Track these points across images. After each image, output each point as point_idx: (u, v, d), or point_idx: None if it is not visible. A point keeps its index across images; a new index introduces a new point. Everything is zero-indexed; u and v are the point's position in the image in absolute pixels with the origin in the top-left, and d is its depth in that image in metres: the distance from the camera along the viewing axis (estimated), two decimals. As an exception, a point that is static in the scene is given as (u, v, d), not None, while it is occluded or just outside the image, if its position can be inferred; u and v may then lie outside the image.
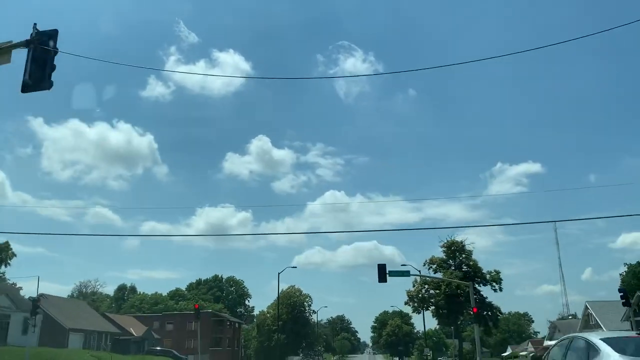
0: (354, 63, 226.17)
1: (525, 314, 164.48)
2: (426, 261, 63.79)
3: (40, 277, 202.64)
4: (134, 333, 68.05)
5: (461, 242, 63.71)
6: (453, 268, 62.33)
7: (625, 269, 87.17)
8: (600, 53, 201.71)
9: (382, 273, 41.20)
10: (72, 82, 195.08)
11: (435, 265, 61.90)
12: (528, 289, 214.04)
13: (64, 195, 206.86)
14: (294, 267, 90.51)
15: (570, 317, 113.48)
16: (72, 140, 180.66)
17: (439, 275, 62.16)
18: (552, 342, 65.88)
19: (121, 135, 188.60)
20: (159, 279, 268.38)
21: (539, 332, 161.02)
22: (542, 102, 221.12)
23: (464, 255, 63.70)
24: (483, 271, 61.18)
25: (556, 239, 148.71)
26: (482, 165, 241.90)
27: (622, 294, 36.37)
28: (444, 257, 64.14)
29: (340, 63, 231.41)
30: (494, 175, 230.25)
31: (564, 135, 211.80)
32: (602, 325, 62.16)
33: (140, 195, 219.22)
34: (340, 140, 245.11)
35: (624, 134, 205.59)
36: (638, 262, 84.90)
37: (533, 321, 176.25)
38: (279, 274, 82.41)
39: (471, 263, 62.59)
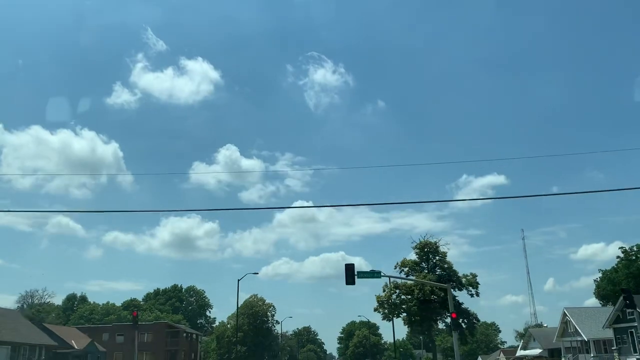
0: (324, 74, 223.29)
1: (493, 324, 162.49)
2: (397, 264, 59.06)
3: None
4: (75, 346, 61.03)
5: (435, 242, 59.23)
6: (426, 271, 57.74)
7: (600, 274, 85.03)
8: (566, 67, 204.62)
9: (350, 274, 36.31)
10: (36, 88, 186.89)
11: (407, 268, 57.16)
12: (492, 299, 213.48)
13: (25, 204, 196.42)
14: (255, 273, 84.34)
15: (540, 325, 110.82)
16: (34, 147, 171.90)
17: (412, 278, 57.55)
18: (527, 352, 61.56)
19: (85, 143, 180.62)
20: (121, 290, 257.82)
21: (506, 342, 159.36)
22: (508, 116, 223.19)
23: (437, 257, 59.18)
24: (459, 274, 56.75)
25: (524, 247, 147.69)
26: (449, 177, 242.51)
27: (625, 294, 32.12)
28: (417, 259, 59.51)
29: (310, 74, 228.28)
30: (459, 186, 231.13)
31: (528, 148, 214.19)
32: (581, 333, 58.70)
33: (104, 204, 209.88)
34: (309, 150, 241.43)
35: (587, 147, 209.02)
36: (613, 267, 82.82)
37: (500, 331, 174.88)
38: (238, 280, 76.57)
39: (446, 266, 58.08)
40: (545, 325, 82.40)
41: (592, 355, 57.73)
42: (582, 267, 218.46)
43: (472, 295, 56.38)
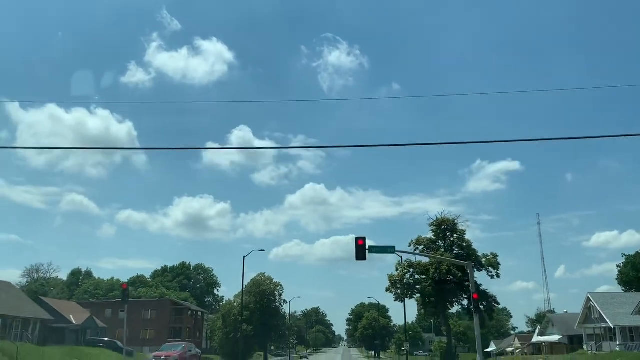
0: (339, 56, 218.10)
1: (504, 309, 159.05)
2: (412, 241, 55.38)
3: (11, 265, 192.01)
4: (73, 321, 58.68)
5: (453, 220, 55.35)
6: (443, 250, 54.04)
7: (624, 259, 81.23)
8: (586, 50, 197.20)
9: (361, 249, 32.85)
10: (51, 65, 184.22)
11: (422, 247, 53.53)
12: (502, 285, 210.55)
13: (39, 181, 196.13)
14: (261, 250, 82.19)
15: (552, 312, 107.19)
16: (49, 125, 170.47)
17: (426, 258, 53.93)
18: (545, 338, 57.41)
19: (100, 121, 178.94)
20: (133, 268, 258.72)
21: (517, 328, 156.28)
22: (524, 100, 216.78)
23: (455, 236, 55.33)
24: (478, 254, 53.01)
25: (539, 232, 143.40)
26: (462, 162, 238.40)
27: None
28: (433, 237, 55.77)
29: (324, 56, 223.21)
30: (472, 172, 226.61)
31: (543, 134, 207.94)
32: (606, 319, 54.95)
33: (119, 183, 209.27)
34: (321, 132, 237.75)
35: (603, 134, 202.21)
36: (637, 252, 78.91)
37: (512, 316, 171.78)
38: (244, 257, 72.93)
39: (464, 244, 54.29)
40: (565, 311, 78.61)
41: (617, 342, 54.08)
42: (595, 255, 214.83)
43: (492, 277, 52.77)
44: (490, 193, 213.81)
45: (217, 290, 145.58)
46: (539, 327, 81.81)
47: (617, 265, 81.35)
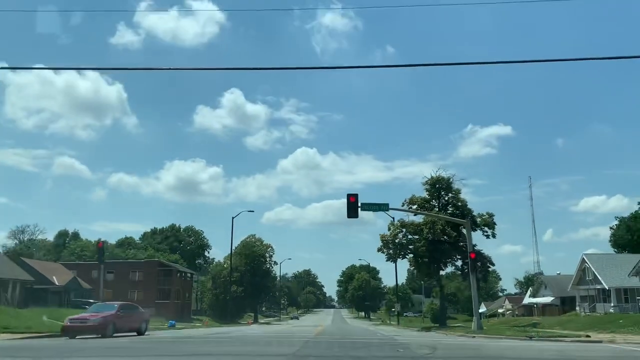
0: (333, 18, 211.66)
1: (494, 272, 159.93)
2: (405, 201, 53.49)
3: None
4: (55, 282, 57.00)
5: (448, 178, 53.40)
6: (437, 209, 52.40)
7: (617, 222, 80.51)
8: (573, 10, 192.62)
9: (353, 206, 31.16)
10: (38, 20, 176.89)
11: (415, 206, 51.73)
12: (490, 249, 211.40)
13: (29, 144, 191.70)
14: (250, 211, 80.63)
15: (540, 274, 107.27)
16: (38, 87, 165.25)
17: (420, 218, 52.24)
18: (537, 299, 56.37)
19: (89, 83, 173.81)
20: (125, 231, 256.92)
21: (505, 290, 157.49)
22: (516, 66, 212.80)
23: (450, 195, 53.57)
24: (473, 214, 51.39)
25: (530, 196, 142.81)
26: (454, 127, 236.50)
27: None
28: (427, 196, 53.99)
29: (318, 17, 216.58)
30: (464, 136, 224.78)
31: (534, 99, 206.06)
32: (602, 281, 54.06)
33: (109, 146, 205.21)
34: (314, 96, 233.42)
35: (594, 99, 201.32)
36: (631, 214, 78.07)
37: (501, 279, 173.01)
38: (232, 218, 72.37)
39: (459, 204, 52.52)
40: (558, 273, 78.13)
41: (612, 304, 53.35)
42: (582, 220, 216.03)
43: (487, 237, 51.25)
44: (481, 157, 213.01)
45: (208, 253, 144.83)
46: (530, 288, 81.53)
47: (611, 228, 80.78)
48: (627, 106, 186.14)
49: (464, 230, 52.23)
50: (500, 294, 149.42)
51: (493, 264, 54.90)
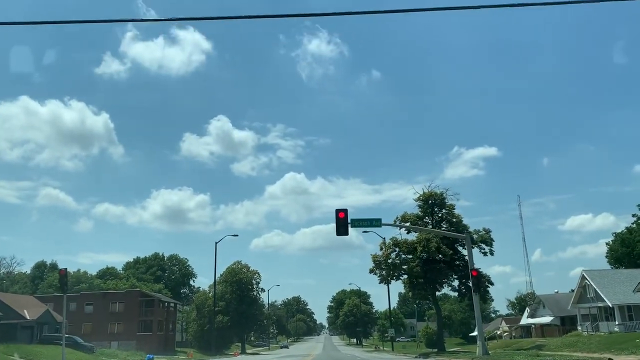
0: (319, 45, 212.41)
1: (487, 292, 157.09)
2: (397, 218, 50.96)
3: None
4: (26, 316, 53.14)
5: (441, 193, 51.06)
6: (430, 227, 49.87)
7: (612, 237, 78.85)
8: (555, 43, 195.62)
9: (342, 223, 28.62)
10: (23, 57, 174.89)
11: (408, 224, 49.26)
12: (482, 269, 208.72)
13: (13, 176, 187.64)
14: (234, 235, 78.12)
15: (533, 294, 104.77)
16: (23, 118, 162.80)
17: (413, 236, 49.68)
18: (536, 320, 53.41)
19: (75, 114, 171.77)
20: (112, 262, 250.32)
21: (498, 311, 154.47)
22: (501, 87, 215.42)
23: (444, 211, 51.16)
24: (469, 230, 48.92)
25: (520, 214, 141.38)
26: (441, 149, 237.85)
27: None
28: (419, 213, 51.49)
29: (303, 44, 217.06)
30: (450, 159, 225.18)
31: (518, 120, 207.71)
32: (604, 298, 51.62)
33: (95, 176, 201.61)
34: (301, 121, 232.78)
35: (579, 119, 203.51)
36: (627, 228, 76.44)
37: (493, 300, 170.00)
38: (216, 243, 69.33)
39: (454, 220, 50.05)
40: (556, 291, 75.60)
41: (617, 322, 50.79)
42: (569, 238, 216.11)
43: (485, 254, 48.77)
44: (468, 179, 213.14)
45: (193, 281, 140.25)
46: (527, 309, 78.80)
47: (607, 244, 78.87)
48: (610, 124, 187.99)
49: (460, 248, 50.03)
50: (493, 315, 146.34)
51: (492, 284, 52.27)
